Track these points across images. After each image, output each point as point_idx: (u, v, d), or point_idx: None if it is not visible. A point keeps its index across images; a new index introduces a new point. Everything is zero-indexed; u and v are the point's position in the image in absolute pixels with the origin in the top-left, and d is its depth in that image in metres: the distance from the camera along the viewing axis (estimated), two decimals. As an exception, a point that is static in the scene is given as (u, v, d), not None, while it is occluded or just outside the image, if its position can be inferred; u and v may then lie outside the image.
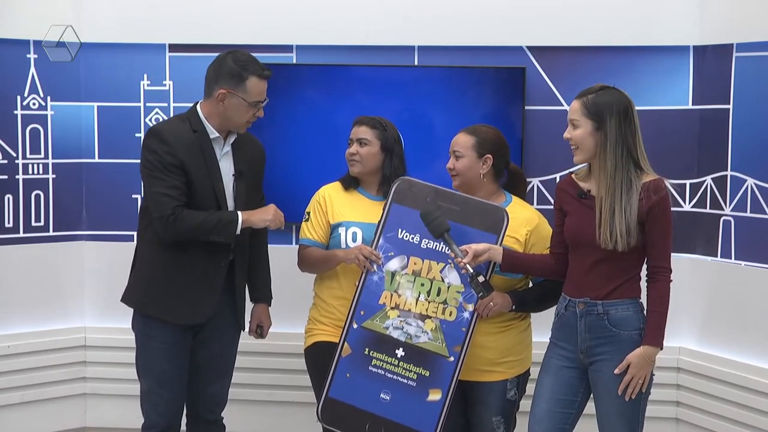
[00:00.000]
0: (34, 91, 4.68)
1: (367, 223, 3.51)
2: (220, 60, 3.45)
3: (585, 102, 3.11)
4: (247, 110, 3.43)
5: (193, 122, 3.46)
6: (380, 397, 3.28)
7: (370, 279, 3.35)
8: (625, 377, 3.09)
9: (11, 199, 4.65)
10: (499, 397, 3.44)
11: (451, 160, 3.47)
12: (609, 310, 3.12)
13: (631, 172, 3.07)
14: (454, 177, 3.48)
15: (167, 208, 3.34)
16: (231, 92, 3.40)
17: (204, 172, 3.41)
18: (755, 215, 4.22)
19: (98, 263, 4.78)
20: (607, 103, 3.09)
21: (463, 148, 3.45)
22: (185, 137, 3.41)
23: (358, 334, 3.32)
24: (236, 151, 3.52)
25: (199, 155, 3.41)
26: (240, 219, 3.40)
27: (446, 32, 4.59)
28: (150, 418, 3.53)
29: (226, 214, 3.42)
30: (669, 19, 4.49)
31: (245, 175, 3.52)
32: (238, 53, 3.46)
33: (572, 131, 3.14)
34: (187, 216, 3.36)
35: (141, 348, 3.52)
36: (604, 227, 3.07)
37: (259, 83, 3.43)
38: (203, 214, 3.38)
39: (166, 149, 3.37)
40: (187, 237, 3.39)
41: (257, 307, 3.72)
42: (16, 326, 4.69)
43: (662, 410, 4.43)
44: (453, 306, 3.28)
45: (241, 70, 3.40)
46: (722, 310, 4.40)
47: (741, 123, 4.29)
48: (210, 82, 3.45)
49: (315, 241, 3.59)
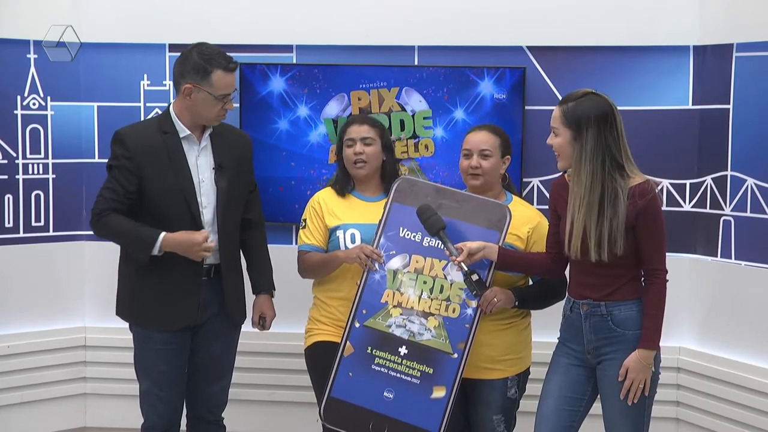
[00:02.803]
0: (34, 91, 4.67)
1: (364, 224, 3.50)
2: (185, 55, 3.43)
3: (564, 110, 3.09)
4: (215, 104, 3.40)
5: (164, 123, 3.45)
6: (384, 396, 3.27)
7: (372, 278, 3.34)
8: (625, 382, 3.09)
9: (11, 199, 4.65)
10: (499, 396, 3.45)
11: (476, 159, 3.43)
12: (612, 311, 3.12)
13: (615, 180, 3.04)
14: (475, 176, 3.44)
15: (97, 208, 3.40)
16: (196, 86, 3.38)
17: (170, 173, 3.39)
18: (755, 215, 4.23)
19: (98, 263, 4.76)
20: (586, 111, 3.05)
21: (492, 147, 3.44)
22: (149, 140, 3.40)
23: (360, 333, 3.32)
24: (216, 144, 3.50)
25: (165, 156, 3.40)
26: (158, 243, 3.33)
27: (446, 32, 4.59)
28: (149, 418, 3.54)
29: (147, 233, 3.35)
30: (669, 19, 4.49)
31: (227, 168, 3.49)
32: (203, 47, 3.43)
33: (553, 138, 3.14)
34: (111, 222, 3.38)
35: (139, 350, 3.53)
36: (575, 240, 3.06)
37: (225, 76, 3.39)
38: (127, 226, 3.37)
39: (125, 154, 3.38)
40: (109, 240, 3.46)
41: (258, 298, 3.68)
42: (16, 326, 4.68)
43: (662, 410, 4.42)
44: (456, 303, 3.28)
45: (206, 64, 3.37)
46: (722, 310, 4.40)
47: (741, 123, 4.29)
48: (177, 77, 3.43)
49: (314, 246, 3.57)
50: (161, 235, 3.34)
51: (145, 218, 3.40)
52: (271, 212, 4.37)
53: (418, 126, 4.55)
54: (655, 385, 3.16)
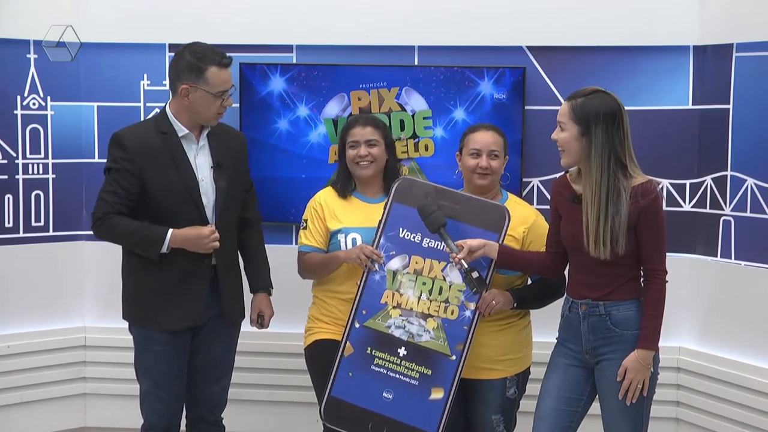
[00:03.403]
0: (34, 91, 4.67)
1: (366, 227, 3.49)
2: (178, 55, 3.42)
3: (573, 105, 3.09)
4: (213, 101, 3.39)
5: (161, 124, 3.44)
6: (383, 396, 3.28)
7: (372, 278, 3.35)
8: (623, 383, 3.09)
9: (11, 199, 4.65)
10: (499, 395, 3.45)
11: (485, 159, 3.43)
12: (611, 311, 3.12)
13: (618, 179, 3.04)
14: (484, 176, 3.44)
15: (99, 211, 3.38)
16: (193, 86, 3.37)
17: (173, 172, 3.39)
18: (755, 215, 4.22)
19: (98, 263, 4.77)
20: (595, 108, 3.05)
21: (500, 148, 3.46)
22: (148, 141, 3.40)
23: (360, 334, 3.32)
24: (213, 143, 3.50)
25: (166, 156, 3.39)
26: (167, 240, 3.35)
27: (446, 32, 4.59)
28: (149, 419, 3.54)
29: (155, 231, 3.36)
30: (669, 19, 4.48)
31: (225, 166, 3.49)
32: (195, 45, 3.42)
33: (559, 133, 3.13)
34: (116, 224, 3.37)
35: (139, 350, 3.53)
36: (591, 237, 3.06)
37: (220, 72, 3.38)
38: (133, 226, 3.37)
39: (124, 156, 3.36)
40: (114, 242, 3.45)
41: (256, 296, 3.68)
42: (16, 326, 4.68)
43: (662, 410, 4.42)
44: (455, 305, 3.29)
45: (199, 62, 3.36)
46: (722, 310, 4.40)
47: (741, 123, 4.29)
48: (173, 79, 3.43)
49: (315, 247, 3.58)
50: (169, 231, 3.34)
51: (147, 219, 3.39)
52: (270, 212, 4.37)
53: (418, 126, 4.54)
54: (654, 385, 3.16)
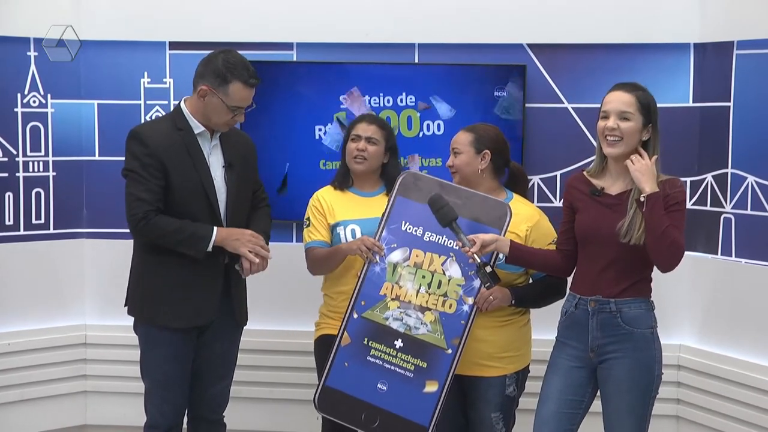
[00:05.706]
0: (34, 88, 4.68)
1: (364, 219, 3.54)
2: (211, 57, 3.42)
3: (639, 96, 3.13)
4: (226, 113, 3.39)
5: (178, 120, 3.44)
6: (377, 387, 3.29)
7: (372, 270, 3.36)
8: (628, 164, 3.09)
9: (12, 197, 4.65)
10: (498, 393, 3.45)
11: (451, 157, 3.52)
12: (622, 308, 3.13)
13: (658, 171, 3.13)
14: (453, 174, 3.52)
15: (139, 211, 3.32)
16: (212, 91, 3.37)
17: (191, 169, 3.38)
18: (756, 213, 4.22)
19: (99, 261, 4.77)
20: (653, 102, 3.14)
21: (462, 144, 3.50)
22: (167, 137, 3.39)
23: (358, 324, 3.34)
24: (224, 143, 3.51)
25: (184, 153, 3.39)
26: (213, 236, 3.35)
27: (446, 30, 4.60)
28: (153, 418, 3.53)
29: (201, 229, 3.36)
30: (669, 16, 4.49)
31: (235, 167, 3.49)
32: (230, 54, 3.41)
33: (621, 123, 3.12)
34: (160, 222, 3.33)
35: (144, 350, 3.52)
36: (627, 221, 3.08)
37: (243, 90, 3.38)
38: (177, 224, 3.34)
39: (146, 151, 3.34)
40: (156, 242, 3.38)
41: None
42: (16, 324, 4.68)
43: (663, 408, 4.41)
44: (453, 299, 3.29)
45: (227, 72, 3.35)
46: (722, 307, 4.40)
47: (741, 120, 4.29)
48: (197, 77, 3.43)
49: (320, 241, 3.61)
50: (215, 229, 3.35)
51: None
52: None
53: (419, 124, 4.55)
54: (658, 385, 3.17)
